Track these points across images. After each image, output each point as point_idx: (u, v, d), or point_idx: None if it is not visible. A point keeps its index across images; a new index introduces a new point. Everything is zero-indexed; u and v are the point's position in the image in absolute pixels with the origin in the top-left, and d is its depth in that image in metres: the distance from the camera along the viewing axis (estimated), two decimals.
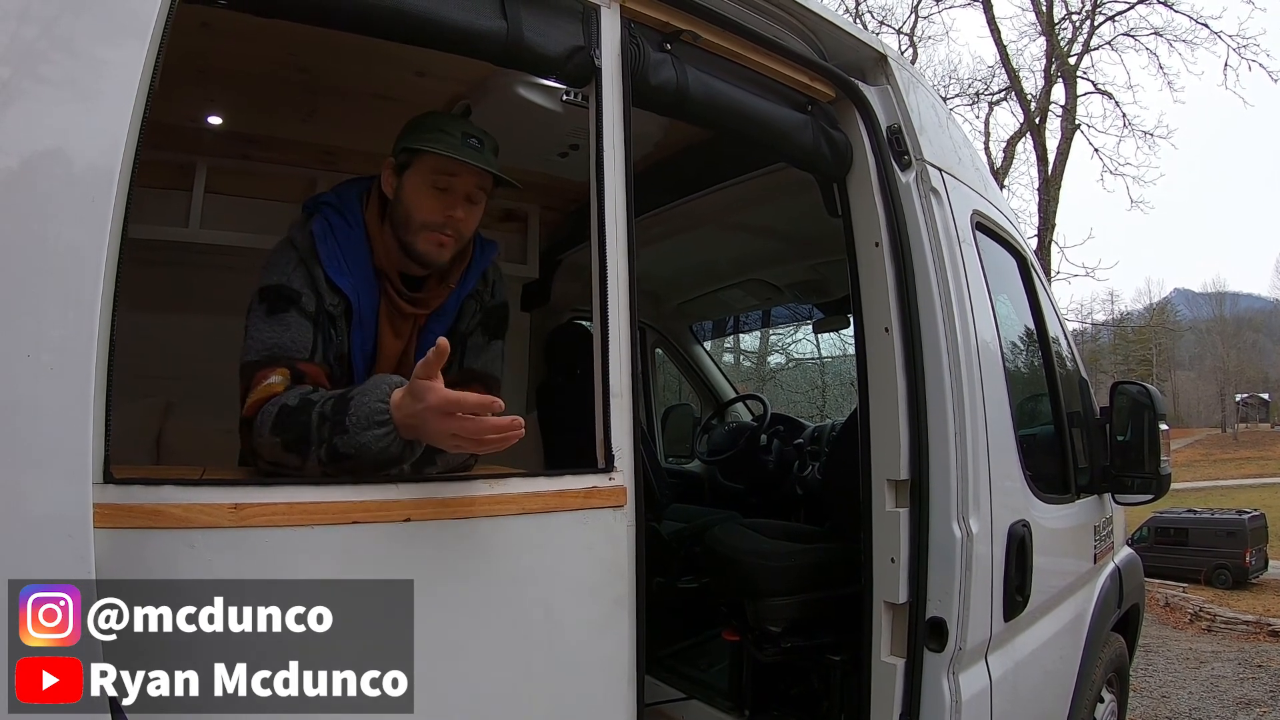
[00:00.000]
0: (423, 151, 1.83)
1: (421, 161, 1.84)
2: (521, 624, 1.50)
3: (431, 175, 1.84)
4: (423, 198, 1.84)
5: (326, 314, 1.79)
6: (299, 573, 1.27)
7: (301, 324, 1.74)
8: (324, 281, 1.79)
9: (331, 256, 1.82)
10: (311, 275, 1.78)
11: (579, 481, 1.59)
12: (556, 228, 4.16)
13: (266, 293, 1.75)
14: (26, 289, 1.00)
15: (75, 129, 1.07)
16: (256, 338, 1.71)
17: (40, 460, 0.98)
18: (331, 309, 1.80)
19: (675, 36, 1.94)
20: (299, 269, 1.78)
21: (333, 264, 1.81)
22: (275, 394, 1.60)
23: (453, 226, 1.84)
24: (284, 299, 1.74)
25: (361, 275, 1.87)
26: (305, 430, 1.49)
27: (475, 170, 1.83)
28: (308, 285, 1.77)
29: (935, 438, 2.21)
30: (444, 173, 1.83)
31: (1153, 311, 62.51)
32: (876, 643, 2.25)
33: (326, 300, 1.79)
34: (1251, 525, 18.76)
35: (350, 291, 1.83)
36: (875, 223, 2.29)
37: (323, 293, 1.79)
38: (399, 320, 1.95)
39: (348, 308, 1.84)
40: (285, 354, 1.69)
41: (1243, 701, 7.23)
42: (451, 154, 1.80)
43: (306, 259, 1.79)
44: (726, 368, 6.10)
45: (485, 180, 1.87)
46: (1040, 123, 18.29)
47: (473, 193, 1.87)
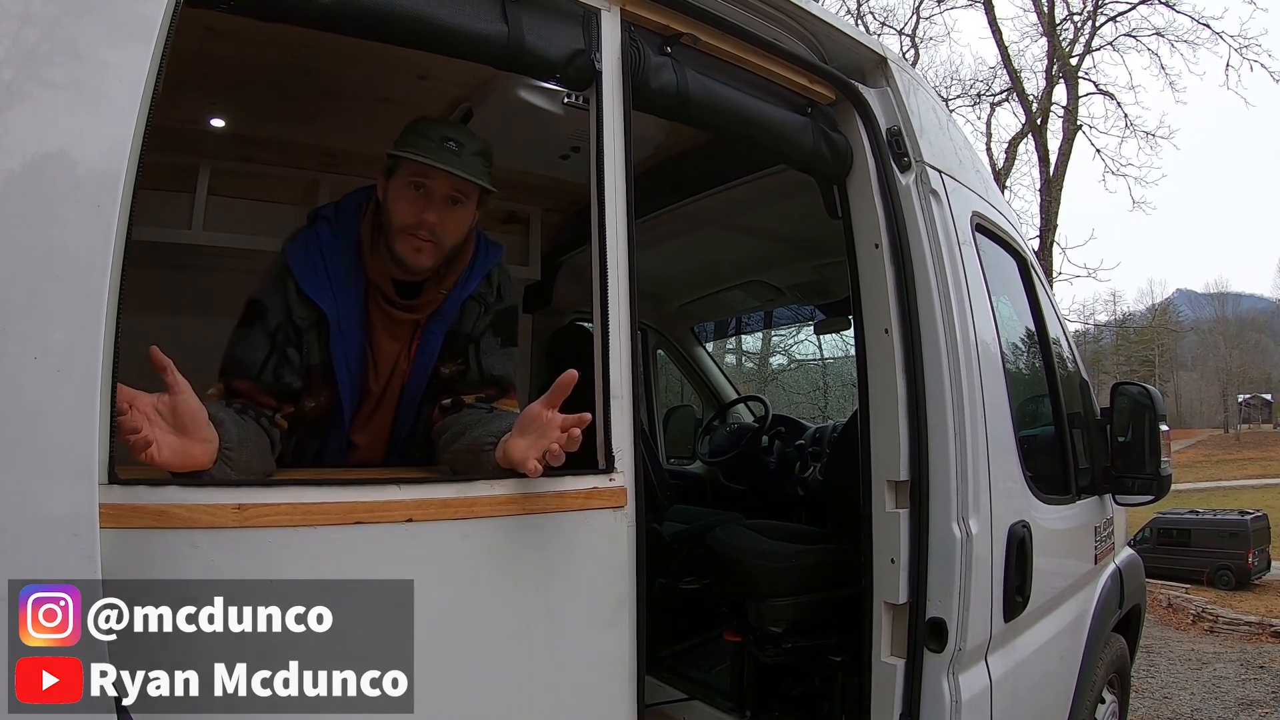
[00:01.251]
0: (401, 156, 1.87)
1: (402, 166, 1.89)
2: (522, 625, 1.50)
3: (409, 179, 1.88)
4: (401, 202, 1.88)
5: (293, 327, 1.85)
6: (301, 573, 1.28)
7: (258, 342, 1.82)
8: (295, 294, 1.85)
9: (307, 269, 1.87)
10: (285, 289, 1.85)
11: (579, 482, 1.60)
12: (558, 230, 4.17)
13: (247, 305, 1.86)
14: (34, 291, 1.00)
15: (82, 132, 1.07)
16: (227, 348, 1.83)
17: (46, 461, 0.99)
18: (300, 321, 1.85)
19: (675, 39, 1.95)
20: (276, 283, 1.86)
21: (307, 277, 1.86)
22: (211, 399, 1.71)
23: (427, 229, 1.87)
24: (252, 314, 1.84)
25: (342, 287, 1.91)
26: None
27: (450, 174, 1.85)
28: (279, 299, 1.85)
29: (935, 439, 2.21)
30: (420, 176, 1.86)
31: (1155, 312, 62.46)
32: (877, 643, 2.25)
33: (295, 313, 1.85)
34: (1254, 526, 18.74)
35: (326, 304, 1.87)
36: (875, 224, 2.29)
37: (293, 306, 1.85)
38: (394, 325, 1.98)
39: (322, 320, 1.88)
40: (231, 368, 1.81)
41: (1244, 702, 7.22)
42: (421, 157, 1.83)
43: (283, 273, 1.87)
44: (728, 369, 6.11)
45: (463, 184, 1.89)
46: (1042, 123, 18.29)
47: (452, 196, 1.90)
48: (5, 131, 1.03)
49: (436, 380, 2.01)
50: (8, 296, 0.99)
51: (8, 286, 1.00)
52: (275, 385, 1.83)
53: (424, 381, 2.01)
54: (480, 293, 2.04)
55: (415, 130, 1.89)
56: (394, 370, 1.99)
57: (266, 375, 1.81)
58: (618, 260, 1.72)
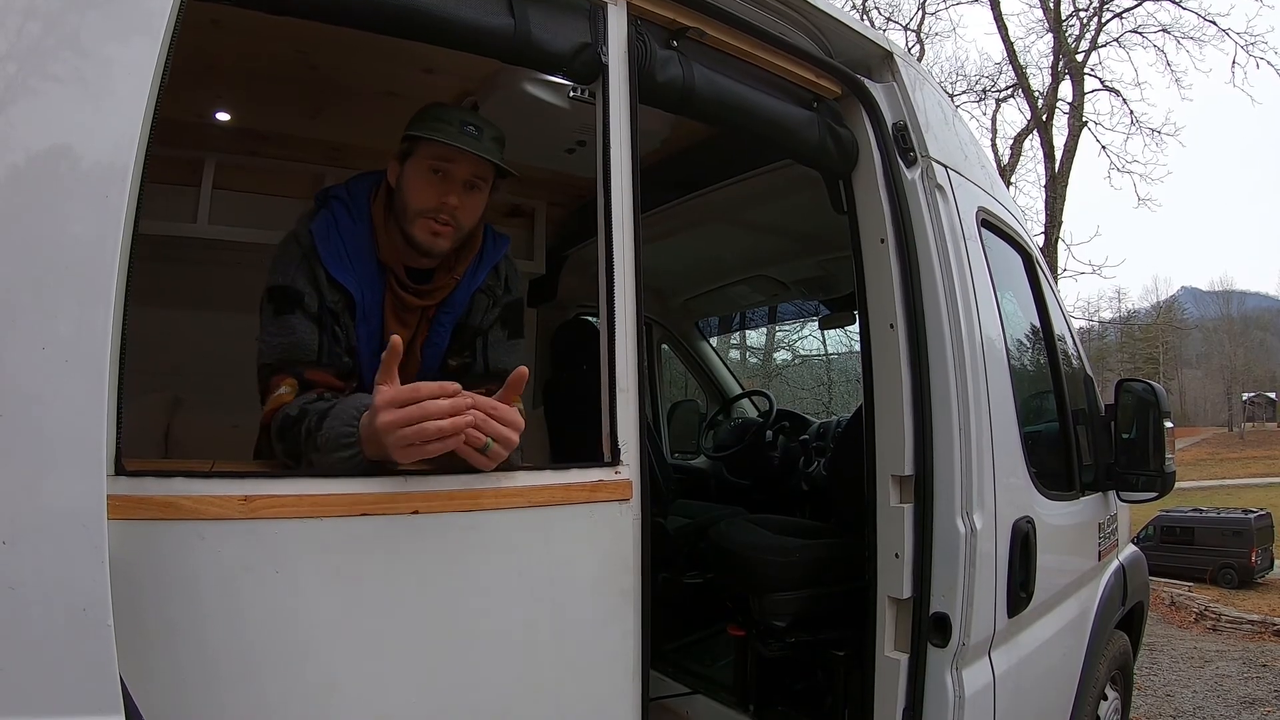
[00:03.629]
0: (421, 139, 1.87)
1: (420, 149, 1.89)
2: (527, 617, 1.51)
3: (429, 162, 1.88)
4: (420, 185, 1.88)
5: (329, 311, 1.83)
6: (307, 564, 1.28)
7: (306, 326, 1.79)
8: (325, 279, 1.84)
9: (332, 253, 1.85)
10: (314, 274, 1.83)
11: (585, 475, 1.60)
12: (563, 224, 4.18)
13: (274, 293, 1.81)
14: (41, 282, 1.01)
15: (90, 126, 1.07)
16: (268, 341, 1.77)
17: (54, 452, 0.99)
18: (334, 305, 1.84)
19: (681, 33, 1.95)
20: (302, 267, 1.83)
21: (333, 260, 1.85)
22: (284, 403, 1.67)
23: (448, 213, 1.88)
24: (289, 300, 1.80)
25: (364, 269, 1.90)
26: (296, 443, 1.57)
27: (472, 158, 1.87)
28: (310, 284, 1.82)
29: (940, 433, 2.21)
30: (441, 159, 1.87)
31: (1160, 310, 62.43)
32: (880, 638, 2.26)
33: (328, 298, 1.83)
34: (1257, 525, 18.68)
35: (352, 287, 1.87)
36: (881, 219, 2.29)
37: (324, 290, 1.83)
38: (404, 312, 1.99)
39: (350, 303, 1.87)
40: (292, 359, 1.75)
41: (1247, 701, 7.21)
42: (447, 140, 1.83)
43: (309, 256, 1.84)
44: (732, 364, 6.11)
45: (483, 168, 1.91)
46: (1047, 120, 18.24)
47: (471, 180, 1.91)
48: (14, 124, 1.03)
49: (444, 373, 2.02)
50: (16, 287, 1.00)
51: (16, 278, 1.00)
52: (339, 365, 1.82)
53: (433, 375, 2.01)
54: (489, 285, 2.05)
55: (433, 114, 1.89)
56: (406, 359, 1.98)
57: (327, 357, 1.80)
58: (624, 251, 1.72)
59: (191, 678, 1.20)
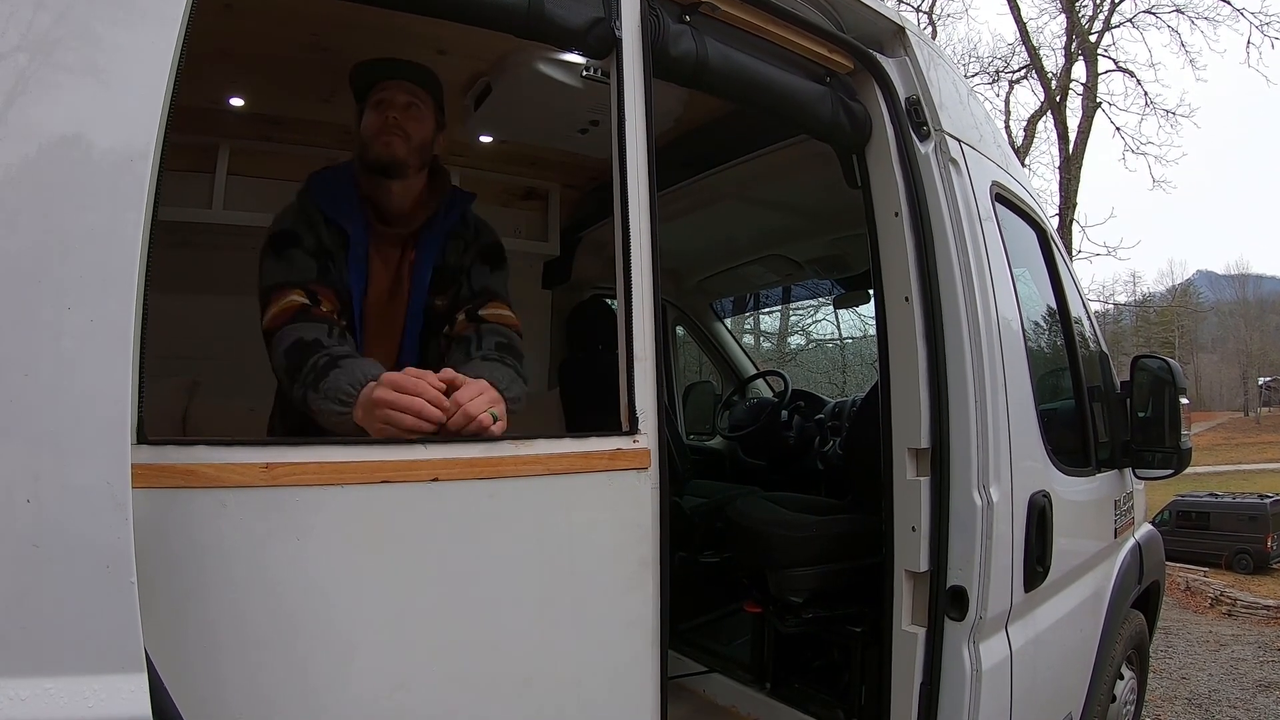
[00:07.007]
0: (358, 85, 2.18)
1: (365, 100, 2.16)
2: (546, 584, 1.52)
3: (370, 101, 2.14)
4: (369, 119, 2.13)
5: (325, 249, 2.04)
6: (328, 532, 1.30)
7: (305, 258, 2.00)
8: (321, 221, 2.06)
9: (326, 197, 2.09)
10: (310, 218, 2.05)
11: (604, 443, 1.60)
12: (577, 205, 4.18)
13: (274, 239, 2.02)
14: (68, 251, 1.02)
15: (110, 113, 1.08)
16: (269, 272, 1.96)
17: (78, 413, 1.00)
18: (329, 245, 2.04)
19: (694, 8, 1.95)
20: (300, 215, 2.05)
21: (327, 203, 2.07)
22: (295, 307, 1.88)
23: (393, 123, 2.10)
24: (288, 241, 2.01)
25: (351, 209, 2.11)
26: (298, 369, 1.74)
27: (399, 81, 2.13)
28: (307, 227, 2.03)
29: (956, 406, 2.21)
30: (377, 93, 2.13)
31: (1175, 293, 62.01)
32: (898, 611, 2.26)
33: (324, 236, 2.05)
34: (1273, 510, 18.60)
35: (344, 222, 2.08)
36: (894, 193, 2.29)
37: (320, 230, 2.05)
38: (387, 248, 2.17)
39: (344, 240, 2.08)
40: (297, 280, 1.95)
41: (1263, 684, 7.17)
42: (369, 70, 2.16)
43: (306, 205, 2.07)
44: (747, 349, 6.11)
45: (415, 90, 2.15)
46: (1061, 101, 18.13)
47: (407, 101, 2.14)
48: (39, 114, 1.04)
49: (431, 313, 2.18)
50: (44, 258, 1.01)
51: (44, 248, 1.01)
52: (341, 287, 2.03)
53: (419, 316, 2.19)
54: (458, 231, 2.22)
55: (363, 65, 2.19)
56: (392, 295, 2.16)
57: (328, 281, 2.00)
58: (640, 223, 1.72)
59: (214, 645, 1.21)
